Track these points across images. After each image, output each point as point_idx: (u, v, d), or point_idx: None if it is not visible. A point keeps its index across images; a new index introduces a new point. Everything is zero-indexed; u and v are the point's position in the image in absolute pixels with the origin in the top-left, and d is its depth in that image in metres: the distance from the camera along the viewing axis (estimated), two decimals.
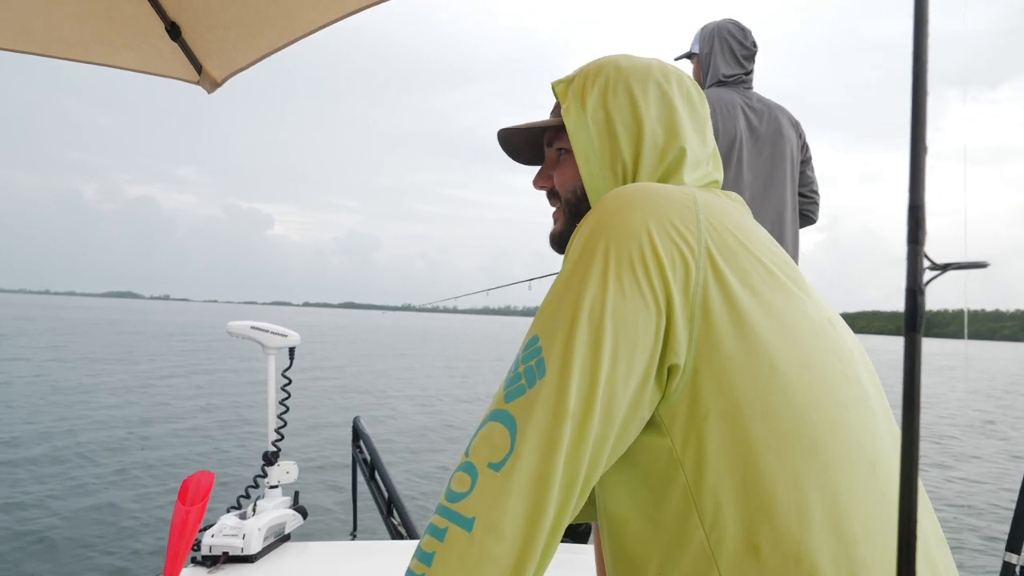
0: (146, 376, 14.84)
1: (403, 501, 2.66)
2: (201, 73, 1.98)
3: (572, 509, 0.60)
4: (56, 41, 1.86)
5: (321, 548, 1.88)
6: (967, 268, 0.31)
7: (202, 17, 1.78)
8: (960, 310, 0.55)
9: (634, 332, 0.61)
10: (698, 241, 0.65)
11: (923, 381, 0.31)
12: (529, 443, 0.58)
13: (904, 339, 0.30)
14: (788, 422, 0.61)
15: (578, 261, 0.65)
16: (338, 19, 1.71)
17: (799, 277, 0.71)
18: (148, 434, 8.59)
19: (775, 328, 0.64)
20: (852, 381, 0.67)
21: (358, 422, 3.31)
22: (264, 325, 2.02)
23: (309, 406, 11.33)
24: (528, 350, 0.63)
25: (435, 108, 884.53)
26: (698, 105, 0.83)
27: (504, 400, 0.61)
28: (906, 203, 0.33)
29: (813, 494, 0.60)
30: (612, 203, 0.68)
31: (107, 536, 4.97)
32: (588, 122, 0.80)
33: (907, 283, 0.31)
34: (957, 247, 0.35)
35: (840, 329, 0.71)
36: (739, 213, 0.75)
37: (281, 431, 1.99)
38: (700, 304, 0.63)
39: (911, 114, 0.32)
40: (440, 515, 0.59)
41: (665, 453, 0.64)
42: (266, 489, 1.95)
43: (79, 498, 5.85)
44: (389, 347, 31.77)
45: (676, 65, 0.85)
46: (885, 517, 0.62)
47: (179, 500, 1.59)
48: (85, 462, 7.07)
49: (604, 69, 0.82)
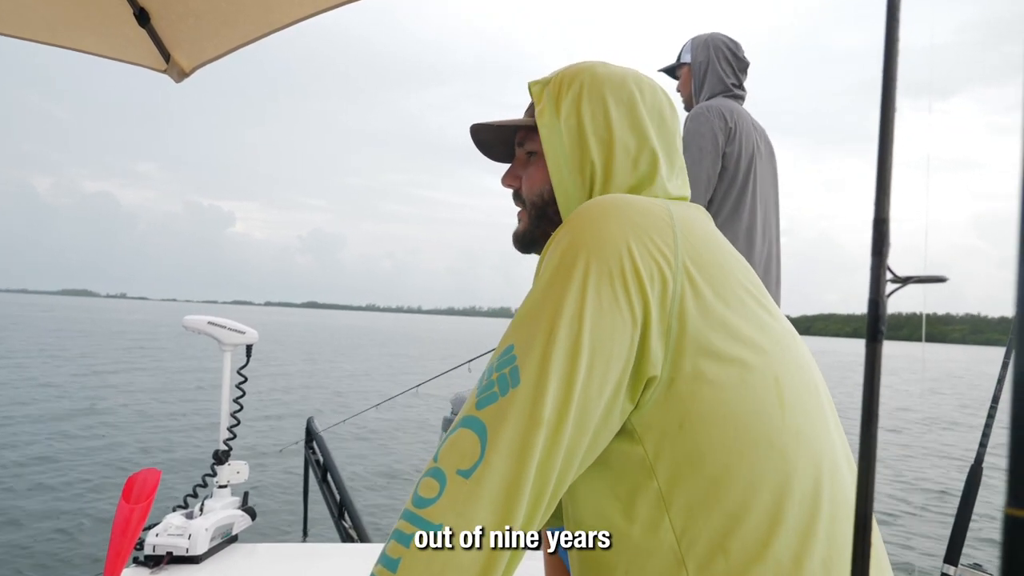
0: (88, 372, 14.42)
1: (355, 504, 2.62)
2: (169, 62, 1.94)
3: (540, 518, 0.61)
4: (19, 20, 1.81)
5: (270, 550, 1.84)
6: (927, 282, 0.32)
7: (174, 4, 1.75)
8: (913, 313, 0.57)
9: (610, 345, 0.62)
10: (675, 254, 0.66)
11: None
12: (500, 451, 0.58)
13: (865, 349, 0.31)
14: (758, 430, 0.63)
15: (556, 272, 0.65)
16: (313, 14, 1.70)
17: (764, 291, 0.73)
18: (91, 430, 8.34)
19: (747, 340, 0.66)
20: (812, 391, 0.70)
21: (312, 423, 3.26)
22: (221, 321, 1.98)
23: (261, 406, 11.13)
24: (502, 358, 0.63)
25: (406, 108, 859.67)
26: (668, 120, 0.84)
27: (475, 407, 0.61)
28: (864, 215, 0.34)
29: (781, 499, 0.62)
30: (590, 215, 0.68)
31: (44, 535, 4.79)
32: (561, 127, 0.81)
33: (870, 295, 0.32)
34: (915, 255, 0.37)
35: (799, 341, 0.74)
36: (710, 226, 0.77)
37: (234, 430, 1.95)
38: (677, 316, 0.64)
39: (879, 130, 0.33)
40: (406, 520, 0.58)
41: (637, 461, 0.65)
42: (215, 489, 1.90)
43: (13, 497, 5.64)
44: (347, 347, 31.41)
45: (651, 78, 0.86)
46: (841, 519, 0.64)
47: (123, 498, 1.54)
48: (21, 458, 6.83)
49: (580, 75, 0.82)
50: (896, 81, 0.31)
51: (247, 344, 2.01)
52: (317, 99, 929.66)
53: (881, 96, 0.31)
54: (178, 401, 11.21)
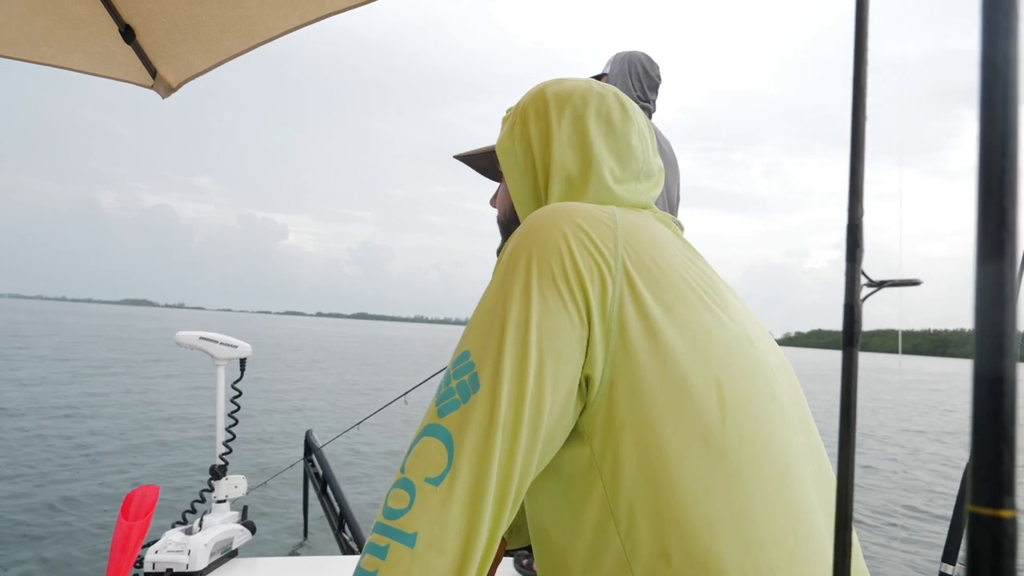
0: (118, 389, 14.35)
1: (355, 516, 2.62)
2: (155, 77, 1.95)
3: (505, 520, 0.62)
4: (3, 40, 1.81)
5: (270, 564, 1.84)
6: (901, 285, 0.32)
7: (158, 21, 1.75)
8: (891, 329, 0.58)
9: (559, 343, 0.64)
10: (615, 257, 0.68)
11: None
12: (467, 456, 0.59)
13: (842, 353, 0.32)
14: (697, 432, 0.64)
15: (504, 276, 0.67)
16: (299, 26, 1.71)
17: (720, 296, 0.74)
18: (93, 445, 8.29)
19: (687, 343, 0.67)
20: (766, 394, 0.70)
21: (310, 436, 3.25)
22: (214, 336, 1.98)
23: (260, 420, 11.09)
24: (459, 365, 0.64)
25: (449, 120, 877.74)
26: (618, 125, 0.85)
27: (437, 415, 0.62)
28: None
29: (722, 502, 0.62)
30: (533, 220, 0.71)
31: (43, 553, 4.77)
32: (515, 148, 0.86)
33: (845, 299, 0.32)
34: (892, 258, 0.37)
35: (760, 345, 0.74)
36: (662, 231, 0.78)
37: (229, 444, 1.95)
38: (616, 319, 0.66)
39: (851, 137, 0.33)
40: (379, 533, 0.59)
41: (586, 462, 0.67)
42: (213, 503, 1.90)
43: (12, 513, 5.61)
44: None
45: (605, 86, 0.88)
46: (793, 525, 0.65)
47: (122, 515, 1.54)
48: (25, 470, 6.79)
49: (533, 97, 0.86)
50: (866, 89, 0.32)
51: (240, 358, 2.01)
52: (357, 113, 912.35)
53: (852, 104, 0.31)
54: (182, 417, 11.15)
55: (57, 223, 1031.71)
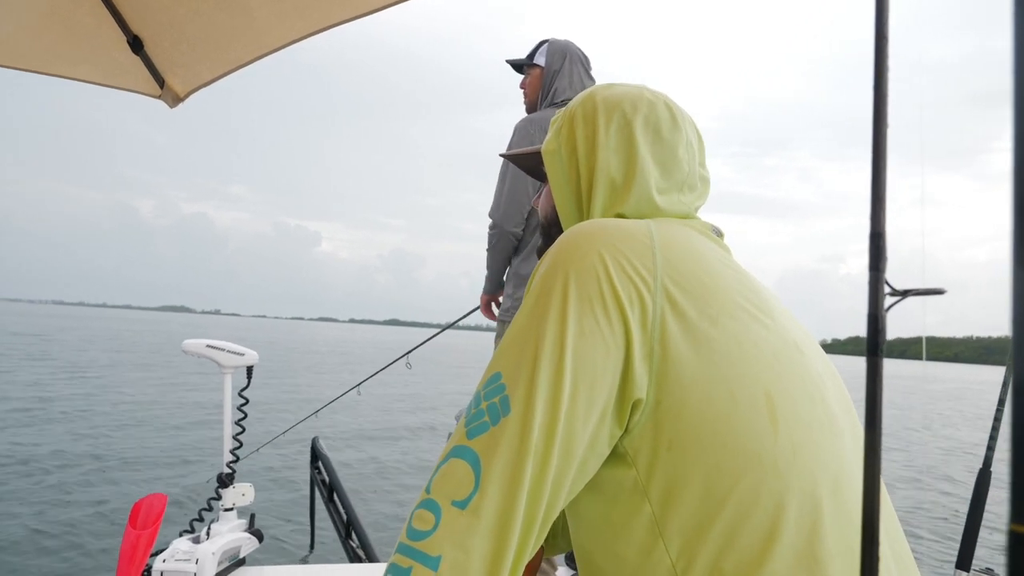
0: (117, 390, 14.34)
1: (363, 523, 2.61)
2: (163, 87, 1.95)
3: (531, 546, 0.61)
4: (13, 51, 1.82)
5: (277, 572, 1.83)
6: (925, 294, 0.32)
7: (166, 31, 1.76)
8: (933, 336, 0.57)
9: (592, 369, 0.62)
10: (654, 276, 0.67)
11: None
12: (495, 480, 0.58)
13: (866, 362, 0.31)
14: (748, 448, 0.62)
15: (538, 298, 0.66)
16: (306, 36, 1.71)
17: (765, 304, 0.72)
18: (104, 451, 8.29)
19: (734, 356, 0.65)
20: (817, 403, 0.68)
21: (317, 442, 3.25)
22: (220, 343, 1.99)
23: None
24: (490, 387, 0.63)
25: (478, 128, 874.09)
26: (666, 135, 0.84)
27: (466, 436, 0.61)
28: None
29: (776, 516, 0.61)
30: (568, 240, 0.70)
31: (52, 562, 4.76)
32: (561, 151, 0.85)
33: (869, 308, 0.32)
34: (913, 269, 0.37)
35: (808, 353, 0.73)
36: (701, 242, 0.76)
37: (237, 452, 1.95)
38: (659, 339, 0.64)
39: (872, 147, 0.33)
40: (402, 554, 0.58)
41: (631, 484, 0.65)
42: (220, 512, 1.90)
43: (19, 520, 5.61)
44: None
45: (656, 93, 0.86)
46: (850, 535, 0.63)
47: (129, 524, 1.54)
48: (29, 478, 6.78)
49: (583, 101, 0.85)
50: (887, 97, 0.32)
51: (248, 366, 2.01)
52: (386, 121, 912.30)
53: (873, 112, 0.31)
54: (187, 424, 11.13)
55: (97, 231, 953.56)
